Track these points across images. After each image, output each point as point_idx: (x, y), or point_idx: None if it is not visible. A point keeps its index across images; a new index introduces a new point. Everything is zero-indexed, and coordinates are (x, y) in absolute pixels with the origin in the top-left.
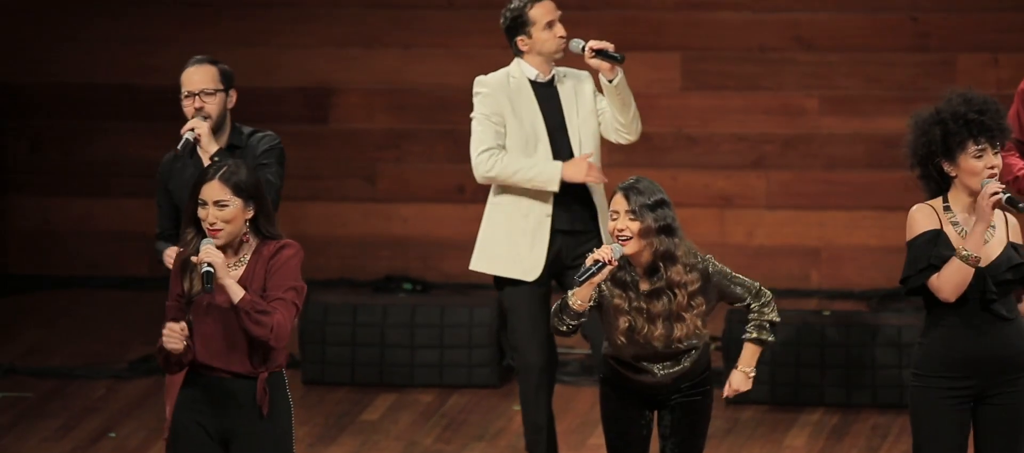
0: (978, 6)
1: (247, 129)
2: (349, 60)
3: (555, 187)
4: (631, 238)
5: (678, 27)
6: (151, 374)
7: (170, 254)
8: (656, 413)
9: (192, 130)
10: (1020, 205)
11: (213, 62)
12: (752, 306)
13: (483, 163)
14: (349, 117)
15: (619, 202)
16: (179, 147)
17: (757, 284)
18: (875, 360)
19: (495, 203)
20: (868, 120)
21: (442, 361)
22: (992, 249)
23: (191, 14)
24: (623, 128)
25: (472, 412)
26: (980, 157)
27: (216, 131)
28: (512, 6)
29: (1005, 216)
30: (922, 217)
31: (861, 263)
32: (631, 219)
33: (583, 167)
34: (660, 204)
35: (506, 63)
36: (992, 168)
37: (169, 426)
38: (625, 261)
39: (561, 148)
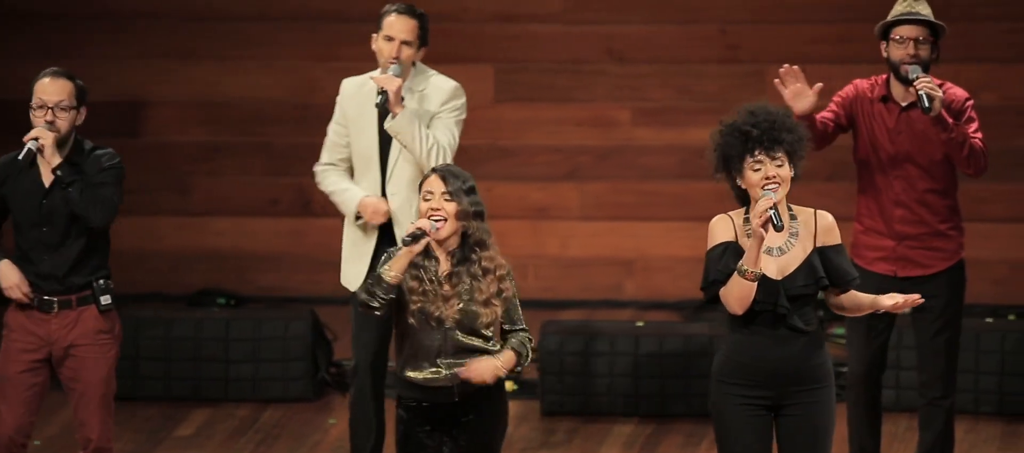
0: (786, 18)
1: (89, 144)
2: (163, 72)
3: (351, 219)
4: (445, 219)
5: (492, 39)
6: None
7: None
8: (450, 434)
9: (36, 139)
10: (779, 225)
11: (70, 77)
12: (517, 330)
13: (316, 175)
14: (162, 130)
15: (435, 183)
16: (20, 156)
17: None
18: (689, 369)
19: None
20: (680, 131)
21: (257, 375)
22: (789, 261)
23: (2, 24)
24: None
25: (287, 425)
26: (757, 170)
27: (60, 145)
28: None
29: (815, 219)
30: (719, 228)
31: (675, 273)
32: (447, 200)
33: (370, 207)
34: (474, 190)
35: (323, 78)
36: (769, 179)
37: None
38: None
39: (385, 169)
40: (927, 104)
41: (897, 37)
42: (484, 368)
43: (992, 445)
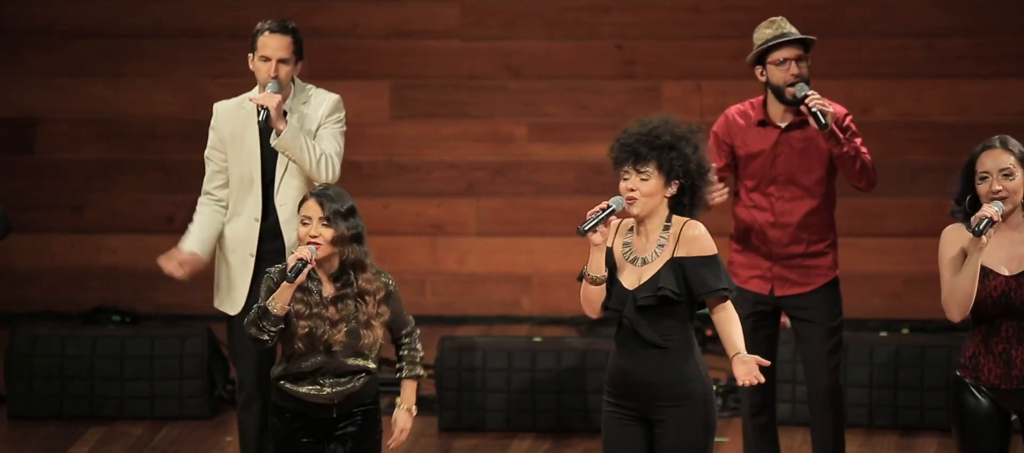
0: (681, 35)
1: None
2: (56, 89)
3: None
4: (321, 244)
5: (388, 56)
6: None
7: None
8: (327, 447)
9: None
10: (583, 230)
11: None
12: (405, 341)
13: (202, 202)
14: (56, 147)
15: (312, 208)
16: None
17: (413, 319)
18: (586, 385)
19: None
20: (577, 147)
21: (153, 393)
22: (648, 271)
23: None
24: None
25: (184, 443)
26: (625, 180)
27: None
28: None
29: (679, 231)
30: (611, 231)
31: (571, 289)
32: (324, 226)
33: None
34: (352, 212)
35: (217, 94)
36: (631, 191)
37: None
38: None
39: (270, 187)
40: (823, 120)
41: (776, 61)
42: (405, 423)
43: None
